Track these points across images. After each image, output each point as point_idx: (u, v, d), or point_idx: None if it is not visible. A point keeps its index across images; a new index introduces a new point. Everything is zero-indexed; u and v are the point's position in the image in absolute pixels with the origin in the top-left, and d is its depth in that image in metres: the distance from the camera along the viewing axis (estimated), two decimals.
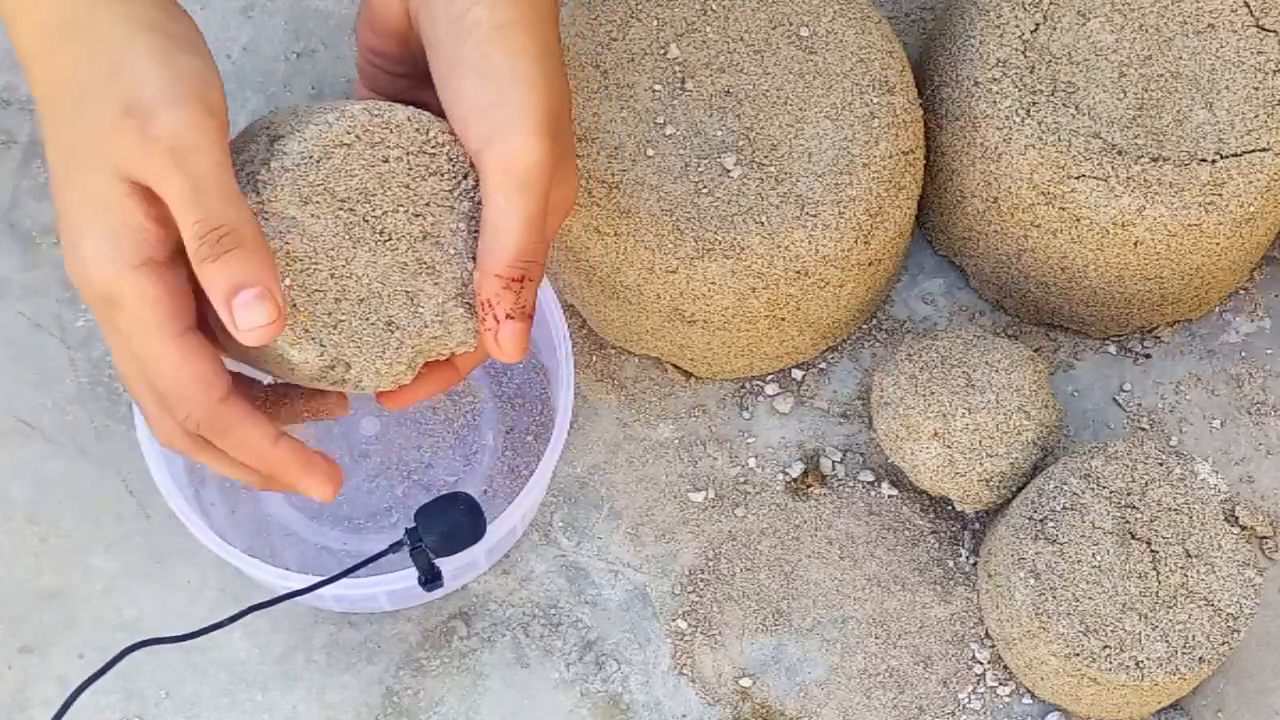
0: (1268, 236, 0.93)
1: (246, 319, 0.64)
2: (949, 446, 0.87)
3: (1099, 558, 0.84)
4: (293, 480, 0.70)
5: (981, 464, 0.87)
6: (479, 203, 0.70)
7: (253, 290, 0.64)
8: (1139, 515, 0.85)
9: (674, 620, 0.90)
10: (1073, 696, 0.86)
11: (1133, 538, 0.84)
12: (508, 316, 0.68)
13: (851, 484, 0.93)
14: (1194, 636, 0.83)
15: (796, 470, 0.93)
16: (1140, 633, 0.83)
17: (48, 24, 0.67)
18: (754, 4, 0.90)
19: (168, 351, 0.66)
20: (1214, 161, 0.88)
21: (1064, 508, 0.84)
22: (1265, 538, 0.92)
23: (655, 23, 0.89)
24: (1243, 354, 0.96)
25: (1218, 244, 0.90)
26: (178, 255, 0.66)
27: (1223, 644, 0.83)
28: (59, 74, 0.67)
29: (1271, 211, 0.90)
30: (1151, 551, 0.84)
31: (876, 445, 0.93)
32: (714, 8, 0.90)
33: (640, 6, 0.90)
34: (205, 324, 0.68)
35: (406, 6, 0.71)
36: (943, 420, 0.87)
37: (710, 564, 0.91)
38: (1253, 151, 0.88)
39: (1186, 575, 0.84)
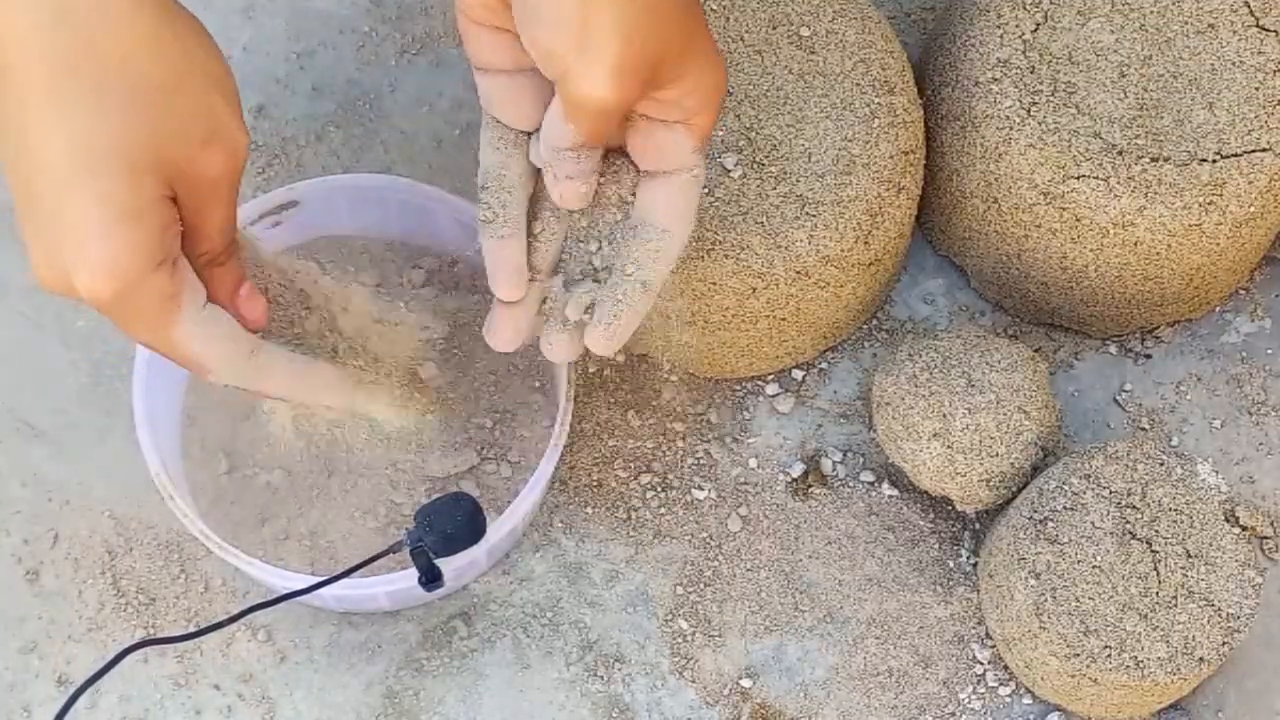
0: (1268, 236, 0.93)
1: (250, 309, 0.73)
2: (949, 446, 0.87)
3: (1099, 558, 0.84)
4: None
5: (981, 464, 0.87)
6: None
7: (247, 285, 0.73)
8: (1139, 515, 0.85)
9: (674, 620, 0.90)
10: (1073, 696, 0.86)
11: (1133, 538, 0.84)
12: (567, 177, 0.74)
13: (852, 484, 0.93)
14: (1194, 636, 0.83)
15: (797, 470, 0.93)
16: (1140, 633, 0.83)
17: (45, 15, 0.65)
18: (754, 4, 0.90)
19: (195, 330, 0.70)
20: (1214, 161, 0.88)
21: (1064, 508, 0.84)
22: (1265, 538, 0.92)
23: None
24: (1243, 354, 0.96)
25: (1218, 244, 0.90)
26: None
27: (1223, 644, 0.83)
28: (65, 60, 0.65)
29: (1271, 211, 0.90)
30: (1152, 552, 0.84)
31: (877, 445, 0.93)
32: (714, 8, 0.90)
33: None
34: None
35: None
36: (943, 420, 0.87)
37: (710, 564, 0.91)
38: (1253, 151, 0.88)
39: (1187, 575, 0.83)
